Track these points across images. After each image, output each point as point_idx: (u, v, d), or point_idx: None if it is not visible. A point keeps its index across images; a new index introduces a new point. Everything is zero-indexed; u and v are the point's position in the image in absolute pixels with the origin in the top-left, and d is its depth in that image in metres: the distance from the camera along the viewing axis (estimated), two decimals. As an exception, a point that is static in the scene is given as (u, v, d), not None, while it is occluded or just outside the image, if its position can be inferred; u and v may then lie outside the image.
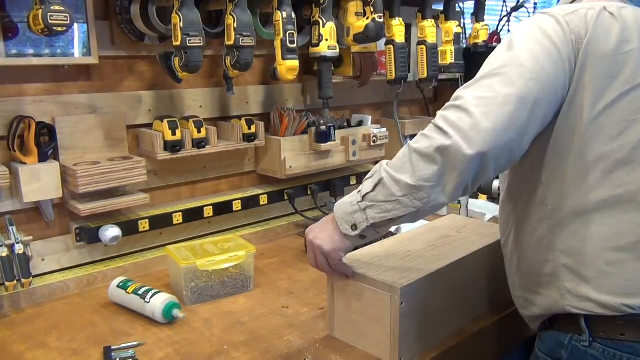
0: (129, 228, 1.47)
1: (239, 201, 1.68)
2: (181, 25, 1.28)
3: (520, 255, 1.05)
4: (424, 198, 0.90)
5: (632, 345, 0.91)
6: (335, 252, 1.02)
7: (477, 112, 0.87)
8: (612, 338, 0.92)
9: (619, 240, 0.92)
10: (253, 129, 1.62)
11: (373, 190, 0.95)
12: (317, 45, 1.55)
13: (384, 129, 1.89)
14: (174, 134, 1.45)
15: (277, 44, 1.46)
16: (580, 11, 0.94)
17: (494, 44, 2.49)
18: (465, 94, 0.91)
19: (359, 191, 0.98)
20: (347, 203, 0.98)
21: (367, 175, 0.99)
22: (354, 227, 0.97)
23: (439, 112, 0.94)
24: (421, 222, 1.82)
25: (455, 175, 0.88)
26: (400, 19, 1.79)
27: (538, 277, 1.01)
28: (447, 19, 1.96)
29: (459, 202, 1.81)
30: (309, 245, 1.06)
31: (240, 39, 1.37)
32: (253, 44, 1.40)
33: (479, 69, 0.98)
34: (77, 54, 1.35)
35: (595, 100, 0.92)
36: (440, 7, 1.99)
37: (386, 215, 0.93)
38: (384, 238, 1.50)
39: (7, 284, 1.24)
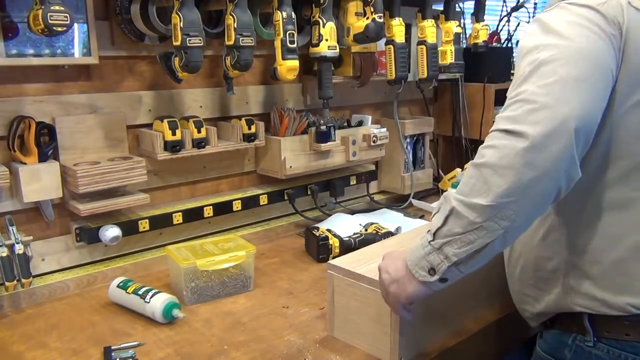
0: (129, 228, 1.47)
1: (239, 201, 1.68)
2: (181, 25, 1.28)
3: (523, 249, 1.03)
4: (510, 215, 0.79)
5: (636, 346, 0.90)
6: (409, 300, 0.93)
7: (550, 100, 0.77)
8: (616, 338, 0.91)
9: (627, 240, 0.91)
10: (253, 129, 1.62)
11: (445, 224, 0.83)
12: (317, 45, 1.55)
13: (384, 129, 1.89)
14: (174, 134, 1.45)
15: (277, 44, 1.46)
16: (611, 2, 0.87)
17: (494, 44, 2.50)
18: (525, 88, 0.81)
19: (429, 230, 0.87)
20: (417, 247, 0.88)
21: (433, 212, 0.90)
22: (432, 270, 0.86)
23: (499, 116, 0.84)
24: (421, 222, 1.83)
25: (545, 179, 0.77)
26: (400, 19, 1.79)
27: (542, 273, 0.99)
28: (447, 19, 1.96)
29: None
30: (382, 286, 0.97)
31: (240, 39, 1.37)
32: (253, 44, 1.40)
33: (479, 69, 0.96)
34: (77, 54, 1.35)
35: (626, 95, 0.86)
36: (440, 7, 1.99)
37: (470, 247, 0.82)
38: (384, 238, 1.51)
39: (7, 284, 1.24)
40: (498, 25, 2.63)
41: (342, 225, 1.69)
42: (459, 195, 0.82)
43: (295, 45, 1.47)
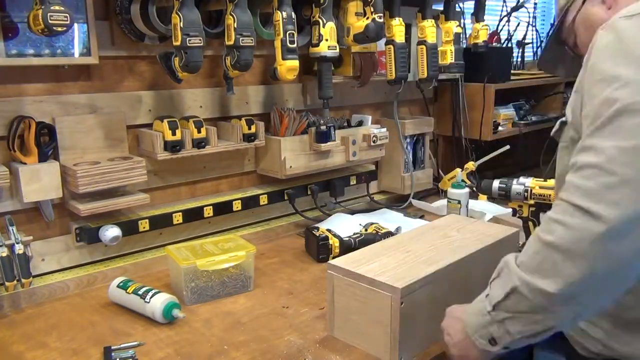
0: (129, 228, 1.47)
1: (239, 201, 1.68)
2: (181, 25, 1.28)
3: None
4: (582, 301, 0.72)
5: None
6: None
7: (632, 172, 0.66)
8: None
9: None
10: (253, 129, 1.62)
11: (506, 298, 0.78)
12: (317, 45, 1.55)
13: (384, 129, 1.89)
14: (174, 134, 1.45)
15: (277, 44, 1.46)
16: None
17: (494, 44, 2.50)
18: (601, 144, 0.70)
19: (487, 295, 0.82)
20: (475, 312, 0.84)
21: (494, 274, 0.84)
22: (493, 341, 0.82)
23: (570, 180, 0.72)
24: (421, 222, 1.83)
25: (624, 270, 0.68)
26: (400, 19, 1.79)
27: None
28: (447, 19, 1.96)
29: (459, 202, 1.81)
30: (447, 341, 0.95)
31: (240, 39, 1.37)
32: (253, 44, 1.40)
33: (479, 69, 0.94)
34: (77, 54, 1.35)
35: None
36: (440, 7, 1.99)
37: (536, 327, 0.76)
38: (385, 238, 1.51)
39: (7, 284, 1.24)
40: (498, 25, 2.64)
41: (342, 225, 1.69)
42: (523, 272, 0.75)
43: (295, 45, 1.47)
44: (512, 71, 2.46)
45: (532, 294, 0.73)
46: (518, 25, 2.81)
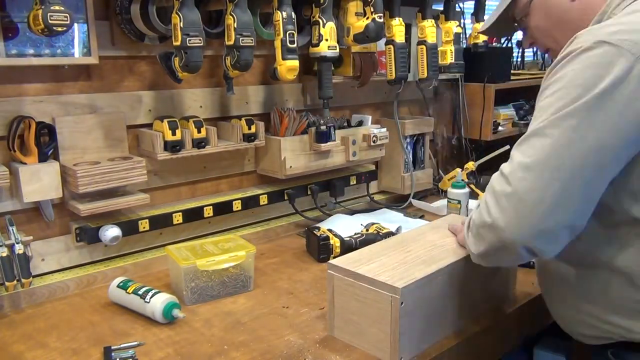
0: (129, 228, 1.47)
1: (239, 201, 1.68)
2: (181, 25, 1.28)
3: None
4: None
5: None
6: None
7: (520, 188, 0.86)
8: None
9: None
10: (253, 129, 1.62)
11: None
12: (317, 45, 1.55)
13: (384, 129, 1.89)
14: (174, 134, 1.45)
15: (277, 44, 1.46)
16: None
17: (494, 44, 2.50)
18: (514, 153, 0.90)
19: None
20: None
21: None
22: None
23: (513, 152, 0.91)
24: (421, 222, 1.83)
25: (509, 257, 0.93)
26: (400, 19, 1.79)
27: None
28: (447, 19, 1.96)
29: (459, 202, 1.81)
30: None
31: (240, 39, 1.37)
32: (253, 44, 1.40)
33: (479, 69, 0.97)
34: (77, 54, 1.35)
35: None
36: (440, 7, 1.99)
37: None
38: (385, 238, 1.51)
39: (7, 284, 1.24)
40: (498, 25, 2.63)
41: (342, 225, 1.69)
42: (469, 226, 0.98)
43: (295, 45, 1.47)
44: (512, 71, 2.46)
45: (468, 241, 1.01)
46: (518, 25, 2.80)
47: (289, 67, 1.47)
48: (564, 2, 1.05)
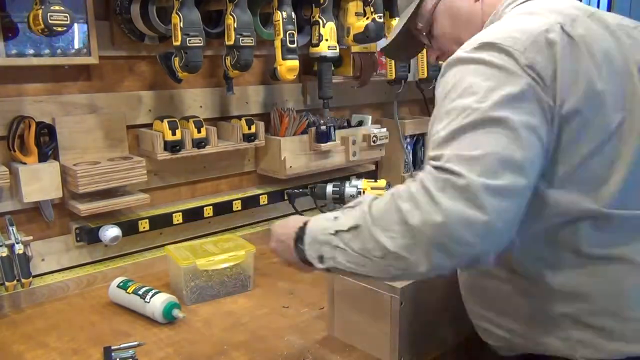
0: (129, 228, 1.47)
1: (239, 201, 1.68)
2: (181, 25, 1.29)
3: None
4: (403, 268, 0.77)
5: None
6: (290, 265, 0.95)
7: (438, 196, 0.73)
8: None
9: None
10: (253, 129, 1.62)
11: (348, 231, 0.81)
12: (317, 45, 1.55)
13: (384, 129, 1.89)
14: (174, 134, 1.45)
15: (277, 44, 1.46)
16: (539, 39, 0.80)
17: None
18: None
19: (336, 217, 0.85)
20: (320, 227, 0.86)
21: (350, 203, 0.86)
22: (321, 259, 0.85)
23: (428, 165, 0.78)
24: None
25: (437, 252, 0.74)
26: (400, 19, 1.79)
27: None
28: (447, 19, 1.96)
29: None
30: (273, 240, 0.97)
31: (240, 39, 1.37)
32: (253, 44, 1.40)
33: None
34: (77, 54, 1.35)
35: None
36: (440, 7, 1.99)
37: (355, 269, 0.81)
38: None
39: (7, 284, 1.24)
40: (498, 25, 2.62)
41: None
42: (371, 218, 0.79)
43: (295, 45, 1.47)
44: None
45: (369, 240, 0.78)
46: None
47: (289, 67, 1.47)
48: (467, 3, 1.00)
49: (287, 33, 1.45)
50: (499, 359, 1.22)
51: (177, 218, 1.55)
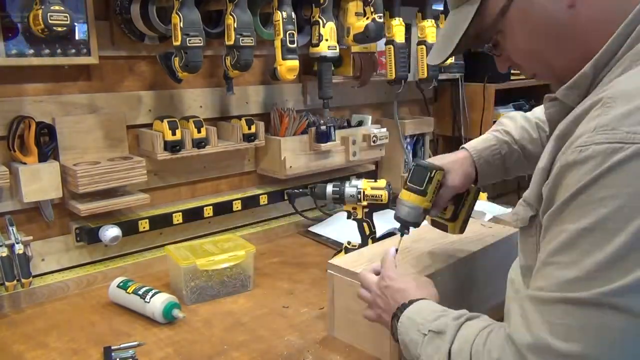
0: (129, 228, 1.47)
1: (239, 201, 1.68)
2: (181, 25, 1.28)
3: None
4: None
5: None
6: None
7: None
8: None
9: None
10: (253, 129, 1.62)
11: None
12: (317, 45, 1.55)
13: (384, 129, 1.89)
14: (174, 134, 1.45)
15: (277, 44, 1.46)
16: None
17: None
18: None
19: (438, 333, 0.80)
20: (418, 322, 0.84)
21: (436, 325, 0.81)
22: (399, 340, 0.88)
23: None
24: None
25: None
26: (400, 19, 1.79)
27: None
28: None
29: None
30: (370, 292, 1.00)
31: (240, 39, 1.37)
32: (253, 44, 1.40)
33: (479, 69, 0.87)
34: (76, 54, 1.35)
35: None
36: (440, 7, 1.99)
37: None
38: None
39: (7, 284, 1.24)
40: (498, 25, 2.62)
41: (342, 225, 1.69)
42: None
43: (295, 45, 1.47)
44: (512, 71, 2.46)
45: None
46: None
47: (289, 67, 1.47)
48: (557, 10, 0.71)
49: (287, 33, 1.45)
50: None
51: (177, 218, 1.55)
